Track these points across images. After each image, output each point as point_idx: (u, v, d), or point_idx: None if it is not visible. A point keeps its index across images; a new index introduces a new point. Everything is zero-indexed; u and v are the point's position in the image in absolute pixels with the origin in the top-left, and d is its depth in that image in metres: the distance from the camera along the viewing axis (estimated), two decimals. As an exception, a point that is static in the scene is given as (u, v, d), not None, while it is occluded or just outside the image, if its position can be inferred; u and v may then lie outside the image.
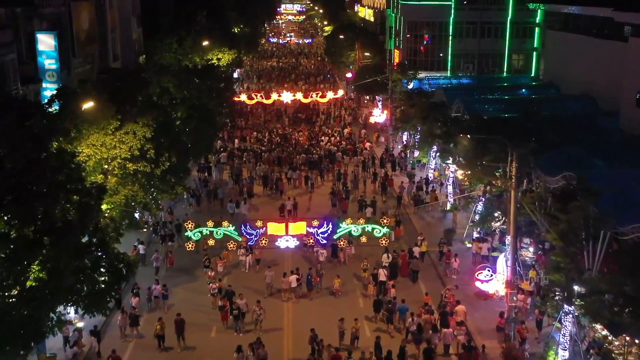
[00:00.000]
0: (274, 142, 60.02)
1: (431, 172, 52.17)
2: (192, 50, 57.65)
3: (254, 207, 44.64)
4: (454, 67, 72.71)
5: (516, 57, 73.60)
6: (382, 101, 73.99)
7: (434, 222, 44.19)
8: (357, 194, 49.68)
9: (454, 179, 47.08)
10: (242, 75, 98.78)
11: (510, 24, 71.80)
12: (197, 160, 44.60)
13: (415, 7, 73.09)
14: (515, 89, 56.88)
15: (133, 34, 57.40)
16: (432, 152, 51.54)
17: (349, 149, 58.11)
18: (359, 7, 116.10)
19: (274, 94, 58.55)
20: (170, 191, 33.70)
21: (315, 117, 70.34)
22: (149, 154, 31.01)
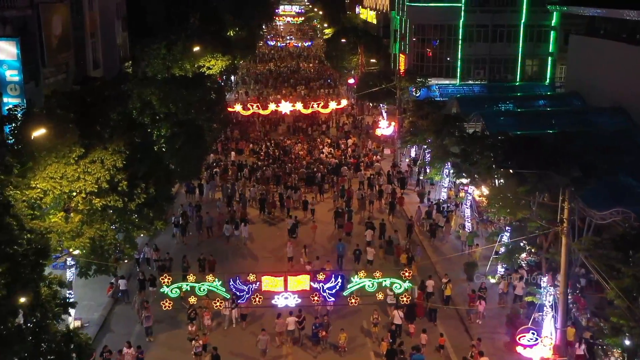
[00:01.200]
0: (272, 155, 54.58)
1: (444, 192, 46.78)
2: (182, 56, 52.17)
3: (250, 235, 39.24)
4: (463, 73, 67.46)
5: (530, 62, 68.32)
6: (386, 110, 68.62)
7: (451, 252, 38.64)
8: (363, 215, 44.42)
9: (472, 201, 41.63)
10: (239, 81, 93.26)
11: (524, 27, 66.59)
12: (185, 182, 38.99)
13: (423, 9, 67.75)
14: (535, 99, 51.44)
15: (117, 39, 51.89)
16: (446, 170, 46.17)
17: (352, 162, 52.69)
18: (361, 8, 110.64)
19: (272, 104, 53.04)
20: (149, 227, 28.21)
21: (315, 127, 64.86)
22: (120, 185, 25.54)
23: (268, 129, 64.32)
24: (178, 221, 37.35)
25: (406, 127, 52.81)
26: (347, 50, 79.16)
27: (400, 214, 45.47)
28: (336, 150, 57.31)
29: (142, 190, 26.71)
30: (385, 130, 52.54)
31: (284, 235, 40.03)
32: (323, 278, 23.16)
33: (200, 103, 39.17)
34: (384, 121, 52.77)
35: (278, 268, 35.76)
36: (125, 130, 28.49)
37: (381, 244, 38.91)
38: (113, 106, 29.60)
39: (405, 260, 34.50)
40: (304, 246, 36.97)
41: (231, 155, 55.49)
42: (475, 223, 41.79)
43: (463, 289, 34.18)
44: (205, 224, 38.07)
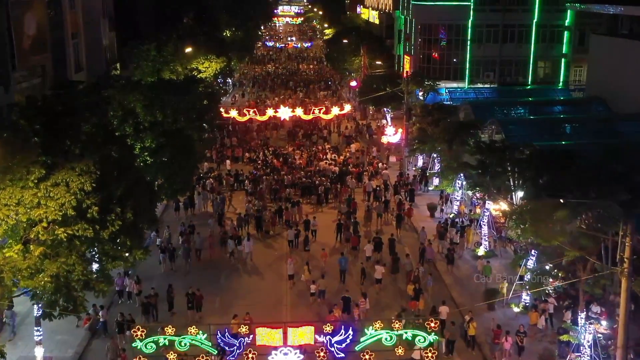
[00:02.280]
0: (269, 164, 50.45)
1: (456, 205, 42.71)
2: (173, 58, 48.01)
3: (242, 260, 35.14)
4: (472, 75, 63.42)
5: (542, 64, 64.34)
6: (390, 114, 64.53)
7: (468, 277, 34.47)
8: (369, 228, 40.55)
9: (490, 218, 37.54)
10: (236, 83, 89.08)
11: (536, 26, 62.72)
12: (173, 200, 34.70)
13: (429, 8, 63.71)
14: (554, 105, 47.25)
15: (103, 39, 47.81)
16: (458, 182, 42.11)
17: (355, 171, 48.62)
18: (362, 8, 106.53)
19: (270, 109, 48.84)
20: (127, 257, 24.09)
21: (316, 132, 60.67)
22: (90, 212, 21.41)
23: (268, 135, 60.11)
24: (165, 246, 33.02)
25: (414, 134, 48.74)
26: (349, 52, 75.12)
27: (408, 226, 41.60)
28: (338, 157, 53.29)
29: (117, 215, 22.58)
30: (391, 138, 48.40)
31: (283, 250, 36.94)
32: (330, 330, 19.00)
33: (190, 110, 35.01)
34: (390, 127, 48.63)
35: (277, 288, 32.83)
36: (100, 145, 24.42)
37: (381, 259, 35.34)
38: (86, 116, 25.51)
39: (411, 291, 30.35)
40: (305, 262, 33.57)
41: (226, 164, 51.43)
42: (492, 241, 37.84)
43: (484, 319, 30.17)
44: (194, 246, 33.79)
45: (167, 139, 31.96)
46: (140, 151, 31.12)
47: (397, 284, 33.54)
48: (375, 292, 32.42)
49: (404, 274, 33.53)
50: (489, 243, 37.38)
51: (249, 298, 31.52)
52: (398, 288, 33.09)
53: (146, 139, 31.44)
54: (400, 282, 33.55)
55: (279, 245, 38.16)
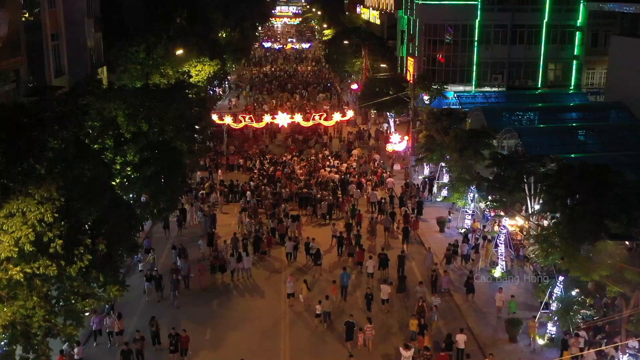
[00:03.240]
0: (267, 173, 46.94)
1: (468, 220, 39.28)
2: (163, 60, 44.46)
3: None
4: (479, 78, 59.87)
5: (552, 66, 60.75)
6: (394, 119, 61.07)
7: (485, 302, 30.99)
8: (374, 242, 37.41)
9: (507, 236, 34.08)
10: (232, 86, 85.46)
11: (547, 27, 59.12)
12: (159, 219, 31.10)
13: (434, 7, 60.14)
14: (572, 110, 43.69)
15: (88, 41, 44.23)
16: (470, 194, 38.69)
17: (355, 180, 45.23)
18: (362, 8, 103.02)
19: (267, 116, 45.26)
20: (100, 295, 20.60)
21: (315, 138, 57.11)
22: (53, 246, 17.93)
23: (267, 142, 56.43)
24: (150, 273, 29.29)
25: (421, 141, 45.23)
26: (350, 53, 71.62)
27: (414, 240, 38.55)
28: (341, 164, 49.79)
29: (86, 248, 19.08)
30: (397, 146, 44.88)
31: (281, 265, 34.17)
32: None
33: (178, 119, 31.47)
34: (395, 135, 45.10)
35: (275, 310, 29.72)
36: (70, 163, 20.94)
37: (387, 276, 32.53)
38: (56, 129, 22.01)
39: (415, 327, 26.88)
40: (304, 281, 30.62)
41: (218, 173, 47.82)
42: (509, 260, 34.41)
43: (506, 354, 26.80)
44: (182, 273, 30.08)
45: (152, 151, 28.48)
46: (122, 166, 27.62)
47: (404, 303, 30.67)
48: (382, 313, 29.53)
49: (414, 300, 30.15)
50: (505, 263, 34.01)
51: (243, 328, 28.21)
52: (406, 309, 30.06)
53: (128, 153, 27.94)
54: (407, 300, 30.78)
55: (277, 261, 35.02)
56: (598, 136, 34.95)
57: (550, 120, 40.34)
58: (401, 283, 31.66)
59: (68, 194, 19.34)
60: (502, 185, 32.41)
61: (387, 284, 30.49)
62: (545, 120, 40.23)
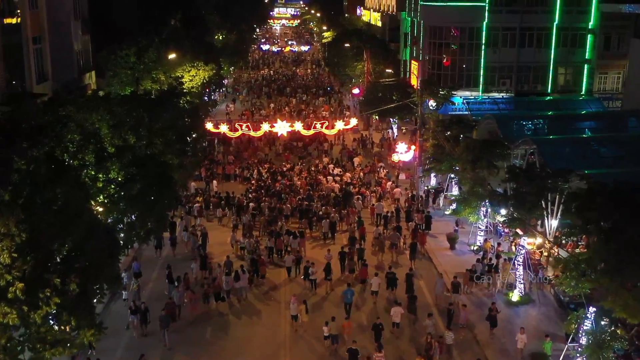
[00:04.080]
0: (264, 185, 44.04)
1: (480, 237, 36.43)
2: (155, 65, 41.51)
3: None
4: (486, 82, 57.03)
5: (563, 71, 57.95)
6: (397, 125, 58.28)
7: (504, 331, 28.10)
8: (381, 258, 34.96)
9: (526, 257, 31.23)
10: (229, 90, 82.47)
11: (557, 29, 56.29)
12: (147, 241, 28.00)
13: (439, 9, 57.24)
14: (590, 119, 40.77)
15: (75, 44, 41.30)
16: (483, 209, 35.85)
17: (357, 191, 42.46)
18: (363, 10, 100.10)
19: (265, 124, 42.35)
20: (73, 340, 17.66)
21: (317, 145, 54.14)
22: (11, 290, 15.02)
23: (267, 151, 53.38)
24: (135, 305, 26.15)
25: (428, 149, 42.27)
26: (351, 56, 68.72)
27: (424, 257, 35.98)
28: (344, 173, 46.85)
29: (54, 289, 16.19)
30: (403, 156, 41.98)
31: (280, 282, 31.50)
32: None
33: (168, 130, 28.53)
34: (402, 144, 42.20)
35: (276, 335, 27.24)
36: (40, 187, 18.06)
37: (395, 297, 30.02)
38: (24, 147, 19.13)
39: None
40: (303, 301, 28.07)
41: (213, 184, 44.94)
42: (528, 283, 31.58)
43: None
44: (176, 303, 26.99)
45: (139, 167, 25.54)
46: (104, 184, 24.68)
47: (416, 326, 28.30)
48: (394, 338, 27.14)
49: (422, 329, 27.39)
50: (524, 286, 31.17)
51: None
52: (418, 333, 27.63)
53: (112, 169, 25.00)
54: (417, 322, 28.40)
55: (275, 278, 32.28)
56: (622, 147, 32.05)
57: (567, 130, 37.47)
58: (411, 304, 29.08)
59: (36, 224, 16.47)
60: (520, 202, 29.57)
61: (397, 305, 28.01)
62: (562, 130, 37.36)
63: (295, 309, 27.62)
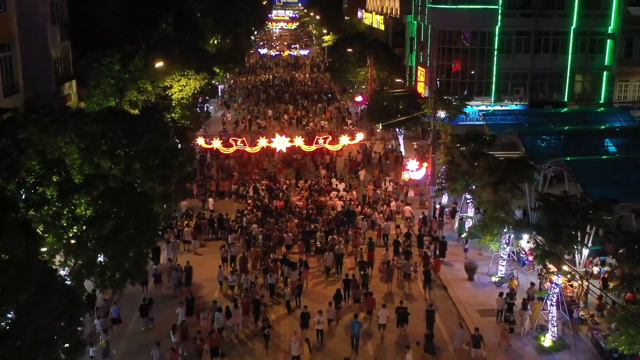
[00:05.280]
0: (262, 204, 39.82)
1: (502, 266, 32.30)
2: (141, 73, 37.30)
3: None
4: (499, 91, 52.98)
5: (580, 78, 53.91)
6: (403, 135, 54.07)
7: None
8: (390, 289, 31.33)
9: (560, 295, 27.09)
10: (225, 96, 78.18)
11: (574, 34, 52.30)
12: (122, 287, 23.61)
13: (449, 12, 53.20)
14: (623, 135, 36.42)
15: (52, 51, 37.10)
16: (505, 237, 31.74)
17: (356, 211, 38.48)
18: (364, 12, 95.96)
19: (262, 139, 38.03)
20: None
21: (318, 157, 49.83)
22: None
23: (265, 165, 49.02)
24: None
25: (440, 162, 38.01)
26: (353, 62, 64.55)
27: (438, 286, 32.04)
28: (349, 191, 42.65)
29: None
30: (414, 174, 37.81)
31: (280, 319, 28.00)
32: None
33: (150, 154, 24.29)
34: (413, 161, 38.02)
35: None
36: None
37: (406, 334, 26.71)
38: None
39: None
40: (305, 339, 24.85)
41: (208, 203, 40.85)
42: (561, 325, 27.45)
43: None
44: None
45: (112, 200, 21.31)
46: (69, 223, 20.46)
47: None
48: None
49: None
50: (557, 328, 27.03)
51: None
52: None
53: (79, 204, 20.78)
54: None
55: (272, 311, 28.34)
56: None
57: (600, 148, 33.31)
58: (429, 342, 25.60)
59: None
60: (557, 235, 25.43)
61: (413, 346, 24.65)
62: (594, 148, 33.21)
63: (296, 349, 24.15)
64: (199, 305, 27.14)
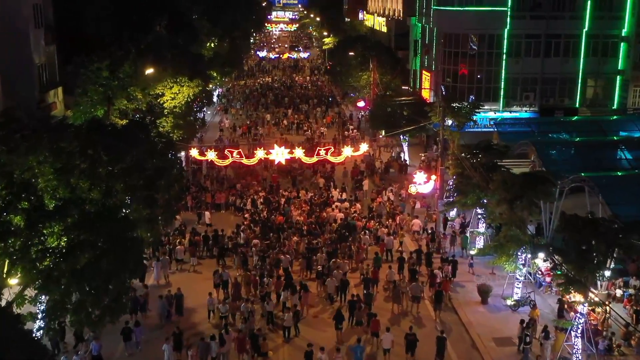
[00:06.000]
0: (260, 219, 37.31)
1: (518, 288, 29.83)
2: (131, 80, 34.80)
3: None
4: (507, 96, 50.49)
5: (592, 82, 51.41)
6: (407, 142, 51.58)
7: None
8: (396, 311, 29.06)
9: (585, 324, 24.63)
10: (223, 100, 75.71)
11: (587, 37, 49.81)
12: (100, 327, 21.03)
13: (455, 14, 50.66)
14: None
15: (36, 56, 34.62)
16: (522, 258, 29.29)
17: (358, 225, 36.06)
18: (365, 14, 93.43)
19: (260, 150, 35.39)
20: None
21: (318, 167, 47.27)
22: None
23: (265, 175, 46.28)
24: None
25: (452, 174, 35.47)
26: (355, 65, 62.02)
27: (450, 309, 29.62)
28: (353, 203, 40.07)
29: None
30: (422, 187, 35.31)
31: (277, 348, 25.62)
32: None
33: (133, 174, 21.77)
34: (420, 174, 35.52)
35: None
36: None
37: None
38: None
39: None
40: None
41: (204, 216, 38.40)
42: (585, 357, 24.97)
43: None
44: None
45: (90, 227, 18.83)
46: (39, 255, 17.97)
47: None
48: None
49: None
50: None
51: None
52: None
53: (51, 233, 18.30)
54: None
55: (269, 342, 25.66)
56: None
57: (622, 160, 30.78)
58: None
59: None
60: (584, 262, 22.94)
61: None
62: (615, 160, 30.68)
63: None
64: (189, 338, 24.60)
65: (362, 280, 30.23)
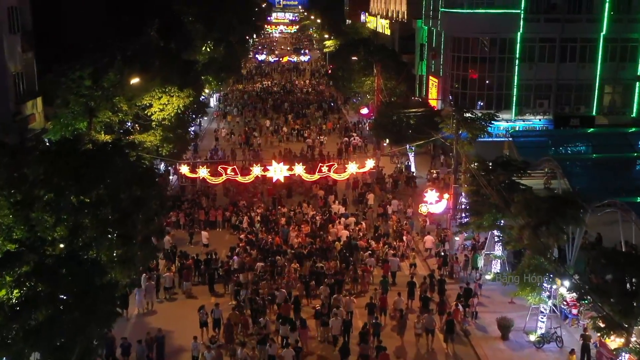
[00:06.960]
0: (257, 240, 34.04)
1: (542, 322, 26.65)
2: (116, 90, 31.58)
3: None
4: (520, 104, 47.29)
5: (609, 89, 48.19)
6: (414, 152, 48.35)
7: None
8: (404, 344, 26.15)
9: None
10: (220, 106, 72.41)
11: (604, 41, 46.57)
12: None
13: (464, 17, 47.52)
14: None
15: (11, 64, 31.41)
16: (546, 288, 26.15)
17: (361, 245, 32.87)
18: (368, 16, 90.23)
19: (256, 167, 32.09)
20: None
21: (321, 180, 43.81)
22: None
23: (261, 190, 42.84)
24: None
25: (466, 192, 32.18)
26: (357, 70, 58.83)
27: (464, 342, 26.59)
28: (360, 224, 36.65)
29: None
30: (434, 207, 32.07)
31: None
32: None
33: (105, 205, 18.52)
34: (431, 192, 32.26)
35: None
36: None
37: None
38: None
39: None
40: None
41: (201, 236, 35.15)
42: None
43: None
44: None
45: (49, 277, 15.62)
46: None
47: None
48: None
49: None
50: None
51: None
52: None
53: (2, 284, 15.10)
54: None
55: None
56: None
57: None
58: None
59: None
60: (630, 306, 19.72)
61: None
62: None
63: None
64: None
65: (367, 306, 27.12)
